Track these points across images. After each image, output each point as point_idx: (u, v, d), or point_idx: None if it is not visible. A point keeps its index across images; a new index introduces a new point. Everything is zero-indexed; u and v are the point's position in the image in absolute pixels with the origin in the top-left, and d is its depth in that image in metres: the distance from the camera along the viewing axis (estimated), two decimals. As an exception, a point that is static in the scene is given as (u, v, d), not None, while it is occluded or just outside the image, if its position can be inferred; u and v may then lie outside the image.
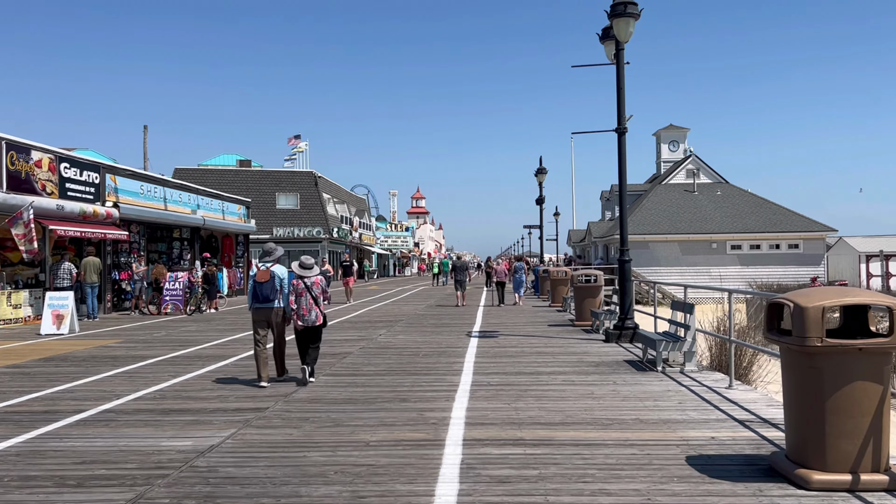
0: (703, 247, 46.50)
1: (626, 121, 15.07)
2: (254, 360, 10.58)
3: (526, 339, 15.41)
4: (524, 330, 17.61)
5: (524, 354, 12.97)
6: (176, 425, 7.59)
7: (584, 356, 12.65)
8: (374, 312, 24.49)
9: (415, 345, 14.69)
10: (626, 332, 14.64)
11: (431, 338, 16.00)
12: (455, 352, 13.39)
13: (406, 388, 9.66)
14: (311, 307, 9.89)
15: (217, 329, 18.86)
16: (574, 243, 70.59)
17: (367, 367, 11.68)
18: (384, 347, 14.33)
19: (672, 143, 57.26)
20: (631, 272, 15.21)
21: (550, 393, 9.17)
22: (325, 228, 58.23)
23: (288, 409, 8.34)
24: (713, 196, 50.33)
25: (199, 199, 34.48)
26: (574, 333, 16.67)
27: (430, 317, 22.21)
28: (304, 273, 10.02)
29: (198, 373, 11.28)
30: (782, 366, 5.68)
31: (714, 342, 12.99)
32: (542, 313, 23.27)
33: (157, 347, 14.83)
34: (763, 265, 45.78)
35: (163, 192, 30.63)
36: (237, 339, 16.32)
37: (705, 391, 9.20)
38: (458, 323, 19.78)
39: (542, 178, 39.52)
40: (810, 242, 46.00)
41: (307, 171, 61.65)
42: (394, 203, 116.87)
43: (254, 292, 10.11)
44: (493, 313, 23.36)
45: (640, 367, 11.31)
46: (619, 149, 15.08)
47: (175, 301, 25.10)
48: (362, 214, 77.91)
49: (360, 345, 14.74)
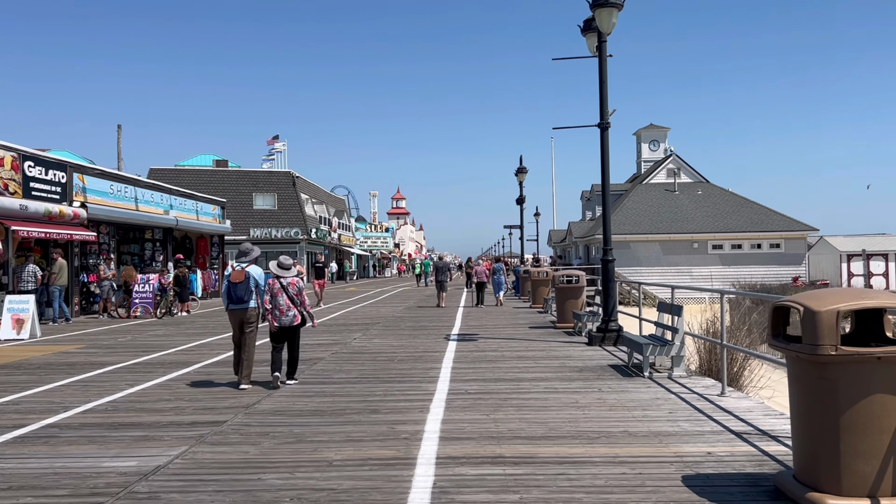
0: (685, 246, 46.19)
1: (608, 115, 14.54)
2: (232, 361, 10.32)
3: (506, 343, 14.82)
4: (504, 333, 17.03)
5: (504, 359, 12.38)
6: (122, 442, 6.92)
7: (567, 361, 12.08)
8: (350, 315, 23.82)
9: (390, 349, 14.06)
10: (609, 335, 14.09)
11: (408, 342, 15.37)
12: (432, 357, 12.77)
13: (378, 397, 9.03)
14: (288, 307, 9.70)
15: (185, 333, 18.12)
16: (555, 243, 70.20)
17: (338, 374, 11.04)
18: (358, 352, 13.68)
19: (652, 142, 56.97)
20: (614, 272, 14.67)
21: (532, 402, 8.58)
22: (303, 229, 57.42)
23: (247, 423, 7.68)
24: (694, 196, 50.07)
25: (172, 199, 33.62)
26: (556, 336, 16.11)
27: (408, 319, 21.59)
28: (282, 273, 9.81)
29: (157, 381, 10.58)
30: (790, 376, 5.11)
31: (703, 345, 12.47)
32: (523, 315, 22.71)
33: (119, 353, 14.10)
34: (744, 265, 45.53)
35: (134, 191, 29.77)
36: (204, 343, 15.62)
37: (696, 399, 8.64)
38: (437, 325, 19.17)
39: (522, 177, 38.99)
40: (791, 242, 45.80)
41: (285, 171, 60.82)
42: (374, 204, 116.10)
43: (228, 293, 9.86)
44: (473, 315, 22.77)
45: (626, 372, 10.75)
46: (601, 144, 14.54)
47: (145, 304, 24.29)
48: (341, 215, 77.10)
49: (333, 350, 14.09)
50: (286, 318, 9.71)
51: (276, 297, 9.69)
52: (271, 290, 9.72)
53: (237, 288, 9.78)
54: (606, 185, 14.62)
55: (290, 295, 9.74)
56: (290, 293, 9.74)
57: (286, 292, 9.72)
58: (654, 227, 46.44)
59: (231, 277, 9.81)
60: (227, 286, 9.84)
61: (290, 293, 9.74)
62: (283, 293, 9.70)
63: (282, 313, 9.69)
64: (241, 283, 9.75)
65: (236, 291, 9.79)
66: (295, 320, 9.78)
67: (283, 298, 9.70)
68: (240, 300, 9.82)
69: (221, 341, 15.97)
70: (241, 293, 9.78)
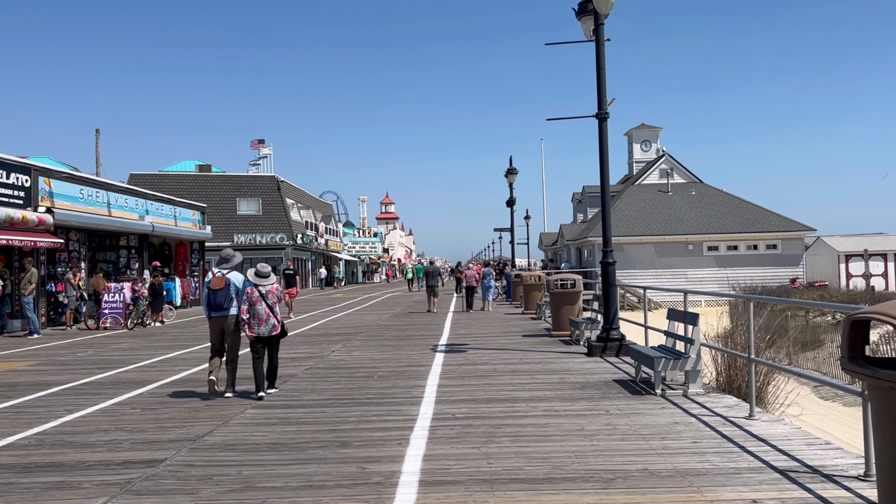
0: (679, 248, 45.04)
1: (607, 105, 13.33)
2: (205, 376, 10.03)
3: (498, 354, 13.57)
4: (496, 342, 15.78)
5: (497, 374, 11.13)
6: (29, 493, 5.62)
7: (567, 375, 10.84)
8: (333, 324, 22.52)
9: (371, 363, 12.78)
10: (611, 345, 12.87)
11: (392, 354, 14.11)
12: (416, 372, 11.51)
13: (351, 425, 7.76)
14: (267, 315, 9.34)
15: (153, 346, 16.80)
16: (546, 247, 69.00)
17: (310, 394, 9.75)
18: (335, 367, 12.40)
19: (644, 142, 55.88)
20: (615, 276, 13.46)
21: (530, 429, 7.33)
22: (288, 234, 56.05)
23: (190, 462, 6.39)
24: (688, 196, 48.96)
25: (148, 204, 32.24)
26: (552, 346, 14.88)
27: (393, 328, 20.31)
28: (260, 281, 9.42)
29: (102, 406, 9.28)
30: (876, 412, 3.88)
31: (718, 355, 11.19)
32: (516, 322, 21.47)
33: (72, 371, 12.78)
34: (741, 266, 44.39)
35: (106, 196, 28.39)
36: (169, 359, 14.31)
37: (721, 423, 7.41)
38: (424, 335, 17.91)
39: (512, 178, 37.78)
40: (788, 242, 44.70)
41: (269, 176, 59.46)
42: (363, 209, 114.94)
43: (208, 300, 9.55)
44: (463, 322, 21.52)
45: (634, 389, 9.52)
46: (600, 137, 13.33)
47: (115, 314, 22.93)
48: (329, 220, 75.75)
49: (308, 364, 12.81)
50: (265, 328, 9.32)
51: (254, 305, 9.30)
52: (250, 299, 9.31)
53: (217, 295, 9.44)
54: (606, 181, 13.41)
55: (270, 304, 9.35)
56: (269, 302, 9.34)
57: (265, 301, 9.31)
58: (647, 229, 45.29)
59: (210, 284, 9.48)
60: (207, 293, 9.50)
61: (269, 302, 9.34)
62: (261, 301, 9.30)
63: (261, 322, 9.31)
64: (221, 290, 9.43)
65: (216, 299, 9.45)
66: (274, 330, 9.42)
67: (263, 307, 9.30)
68: (219, 307, 9.47)
69: (189, 356, 14.68)
70: (221, 300, 9.44)
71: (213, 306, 9.52)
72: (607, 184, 13.44)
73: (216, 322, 9.60)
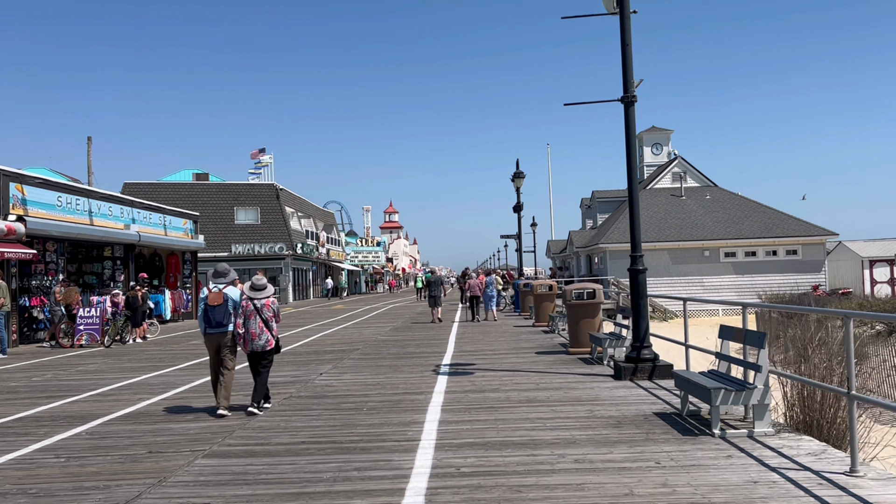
0: (695, 255, 43.02)
1: (634, 87, 11.50)
2: (211, 388, 9.59)
3: (511, 377, 11.71)
4: (507, 361, 13.91)
5: (510, 404, 9.27)
6: None
7: (596, 406, 8.97)
8: (327, 339, 20.67)
9: (362, 390, 10.93)
10: (643, 366, 11.00)
11: (387, 377, 12.26)
12: (414, 402, 9.65)
13: (323, 486, 5.91)
14: (261, 330, 9.12)
15: (122, 368, 14.99)
16: (554, 254, 67.03)
17: (281, 435, 7.91)
18: (319, 395, 10.55)
19: (655, 145, 53.91)
20: (645, 285, 11.60)
21: (561, 493, 5.47)
22: (288, 244, 54.25)
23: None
24: (702, 200, 46.97)
25: (134, 212, 30.49)
26: (571, 365, 13.01)
27: (392, 344, 18.45)
28: (255, 294, 9.20)
29: (19, 453, 7.44)
30: None
31: (786, 382, 9.20)
32: (526, 336, 19.59)
33: (12, 402, 10.96)
34: (759, 273, 42.35)
35: (87, 203, 26.63)
36: (135, 383, 12.49)
37: (817, 483, 5.54)
38: (425, 352, 16.05)
39: (519, 182, 35.89)
40: (809, 248, 42.62)
41: (268, 184, 57.67)
42: (367, 219, 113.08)
43: (206, 317, 9.24)
44: (469, 336, 19.66)
45: (683, 426, 7.64)
46: (626, 124, 11.49)
47: (91, 330, 21.13)
48: (330, 229, 73.97)
49: (289, 391, 10.96)
50: (258, 343, 9.10)
51: (248, 319, 9.12)
52: (244, 313, 9.14)
53: (215, 311, 9.18)
54: (634, 175, 11.57)
55: (265, 318, 9.14)
56: (264, 315, 9.13)
57: (260, 315, 9.11)
58: (661, 235, 43.32)
59: (208, 300, 9.19)
60: (205, 309, 9.22)
61: (264, 315, 9.13)
62: (256, 316, 9.11)
63: (254, 337, 9.09)
64: (219, 306, 9.17)
65: (214, 315, 9.18)
66: (268, 345, 9.17)
67: (257, 322, 9.10)
68: (218, 324, 9.19)
69: (157, 380, 12.85)
70: (220, 317, 9.18)
71: (212, 323, 9.21)
72: (635, 178, 11.60)
73: (213, 339, 9.25)
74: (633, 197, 11.52)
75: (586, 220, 58.45)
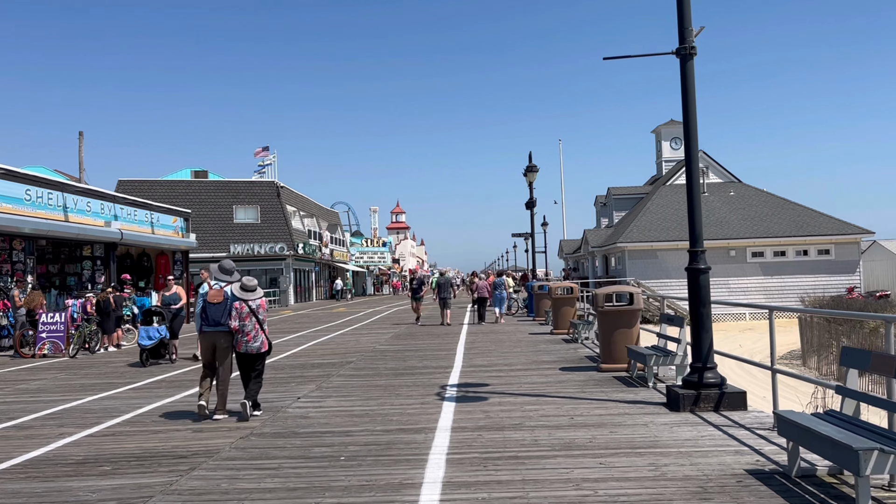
0: (720, 255, 40.35)
1: (693, 35, 9.02)
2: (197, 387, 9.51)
3: (535, 404, 9.23)
4: (527, 381, 11.45)
5: (540, 451, 6.80)
6: None
7: (660, 457, 6.48)
8: (319, 348, 18.24)
9: (345, 424, 8.48)
10: (707, 394, 8.53)
11: (380, 403, 9.81)
12: (410, 448, 7.19)
13: None
14: (256, 333, 8.87)
15: (72, 387, 12.61)
16: (567, 255, 64.41)
17: (213, 508, 5.48)
18: (287, 434, 8.09)
19: (674, 139, 51.23)
20: (709, 288, 9.13)
21: None
22: (289, 244, 51.90)
23: None
24: (726, 197, 44.30)
25: (116, 208, 28.12)
26: (607, 387, 10.53)
27: (391, 355, 16.00)
28: (247, 296, 8.90)
29: None
30: None
31: None
32: (545, 346, 17.11)
33: None
34: (789, 274, 39.67)
35: (62, 198, 24.27)
36: (73, 408, 10.08)
37: None
38: (429, 367, 13.60)
39: (532, 176, 33.35)
40: (843, 247, 39.89)
41: (269, 182, 55.34)
42: (375, 220, 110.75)
43: (203, 314, 8.97)
44: (479, 346, 17.19)
45: (805, 500, 5.15)
46: (683, 82, 9.03)
47: (54, 338, 18.76)
48: (335, 229, 71.58)
49: (252, 426, 8.52)
50: (253, 345, 8.85)
51: (243, 321, 8.80)
52: (239, 315, 8.82)
53: (214, 309, 8.93)
54: (694, 144, 9.10)
55: (260, 319, 8.90)
56: (260, 317, 8.91)
57: (256, 316, 8.86)
58: (683, 234, 40.51)
59: (208, 297, 8.95)
60: (203, 307, 8.96)
61: (260, 317, 8.91)
62: (252, 317, 8.84)
63: (249, 339, 8.82)
64: (219, 304, 8.91)
65: (212, 313, 8.93)
66: (262, 347, 8.96)
67: (252, 323, 8.84)
68: (216, 323, 8.93)
69: (99, 405, 10.44)
70: (218, 316, 8.92)
71: (210, 321, 8.94)
72: (695, 151, 9.11)
73: (209, 337, 8.99)
74: (692, 177, 9.04)
75: (601, 218, 55.83)
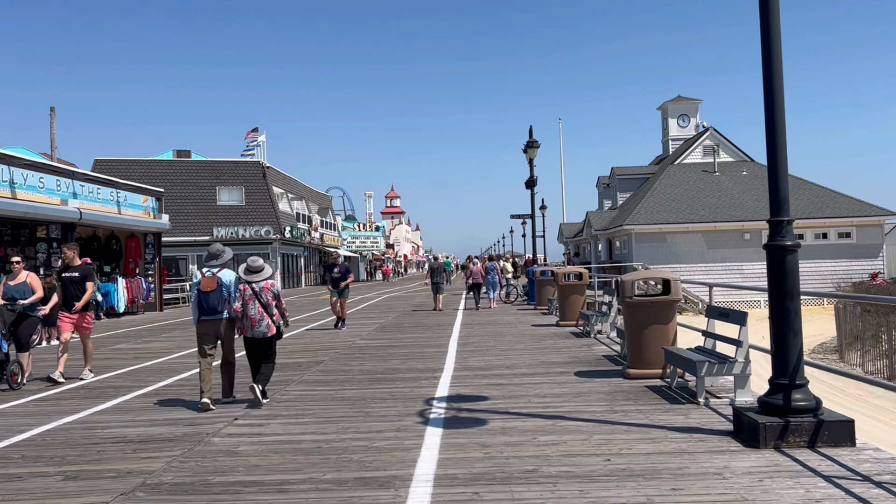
0: (734, 238, 37.81)
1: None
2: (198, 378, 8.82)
3: (551, 435, 6.70)
4: (537, 391, 8.92)
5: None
6: None
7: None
8: (292, 342, 15.67)
9: (280, 470, 5.93)
10: (798, 423, 6.00)
11: (339, 429, 7.27)
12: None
13: None
14: (261, 316, 8.40)
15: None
16: (567, 239, 61.80)
17: None
18: (192, 490, 5.52)
19: (681, 117, 48.61)
20: (796, 274, 6.62)
21: None
22: (275, 227, 49.34)
23: None
24: (738, 177, 41.70)
25: (75, 184, 25.48)
26: (645, 403, 7.99)
27: (370, 352, 13.48)
28: (252, 277, 8.46)
29: None
30: None
31: None
32: (552, 341, 14.57)
33: None
34: (808, 259, 37.12)
35: (8, 172, 21.66)
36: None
37: None
38: (414, 370, 11.09)
39: (533, 153, 30.73)
40: (865, 230, 37.35)
41: (254, 161, 52.62)
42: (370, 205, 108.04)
43: (199, 303, 8.55)
44: (475, 340, 14.68)
45: None
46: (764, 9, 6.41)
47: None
48: (326, 213, 68.91)
49: (154, 467, 5.96)
50: (259, 330, 8.40)
51: (246, 304, 8.39)
52: (242, 297, 8.39)
53: (209, 297, 8.50)
54: (779, 89, 6.51)
55: (264, 302, 8.42)
56: (263, 300, 8.42)
57: (259, 299, 8.41)
58: (694, 215, 38.15)
59: (201, 286, 8.51)
60: (198, 296, 8.53)
61: (263, 300, 8.42)
62: (255, 300, 8.40)
63: (254, 323, 8.38)
64: (213, 291, 8.50)
65: (208, 302, 8.51)
66: (269, 331, 8.47)
67: (256, 307, 8.40)
68: (213, 311, 8.52)
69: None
70: (215, 303, 8.50)
71: (206, 310, 8.53)
72: (780, 87, 6.53)
73: (209, 325, 8.54)
74: (775, 130, 6.46)
75: (604, 200, 53.24)
